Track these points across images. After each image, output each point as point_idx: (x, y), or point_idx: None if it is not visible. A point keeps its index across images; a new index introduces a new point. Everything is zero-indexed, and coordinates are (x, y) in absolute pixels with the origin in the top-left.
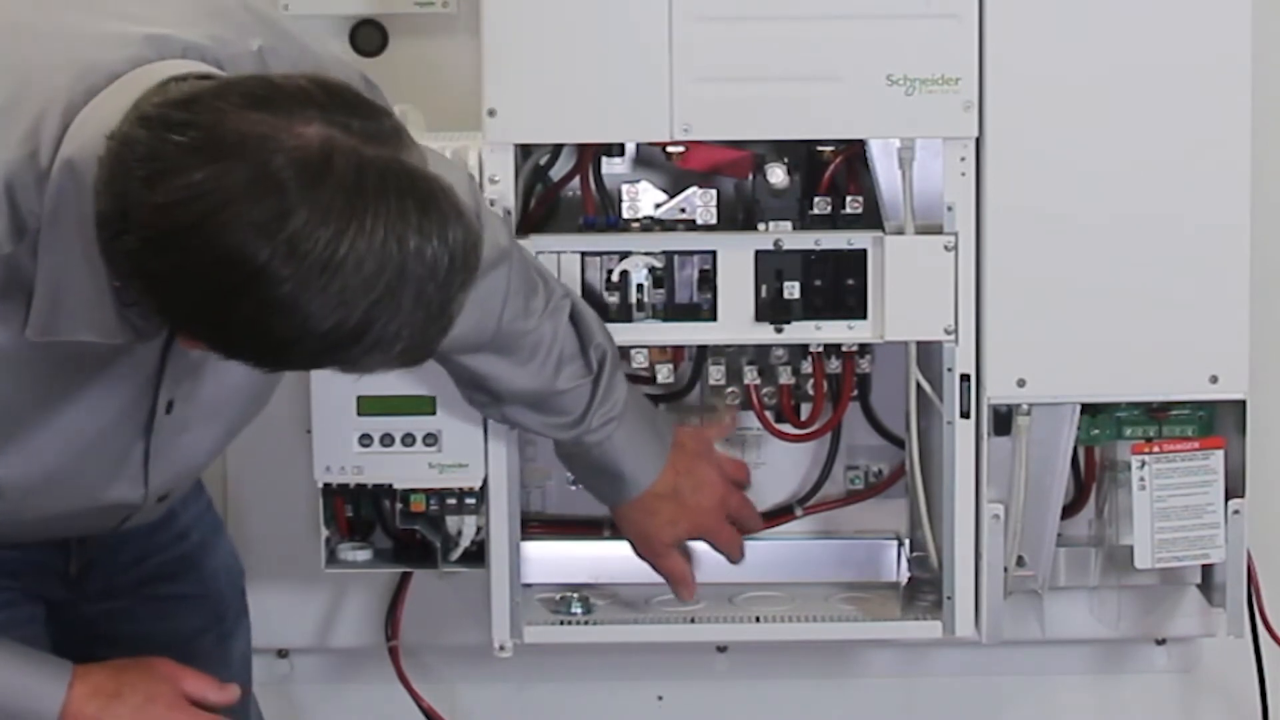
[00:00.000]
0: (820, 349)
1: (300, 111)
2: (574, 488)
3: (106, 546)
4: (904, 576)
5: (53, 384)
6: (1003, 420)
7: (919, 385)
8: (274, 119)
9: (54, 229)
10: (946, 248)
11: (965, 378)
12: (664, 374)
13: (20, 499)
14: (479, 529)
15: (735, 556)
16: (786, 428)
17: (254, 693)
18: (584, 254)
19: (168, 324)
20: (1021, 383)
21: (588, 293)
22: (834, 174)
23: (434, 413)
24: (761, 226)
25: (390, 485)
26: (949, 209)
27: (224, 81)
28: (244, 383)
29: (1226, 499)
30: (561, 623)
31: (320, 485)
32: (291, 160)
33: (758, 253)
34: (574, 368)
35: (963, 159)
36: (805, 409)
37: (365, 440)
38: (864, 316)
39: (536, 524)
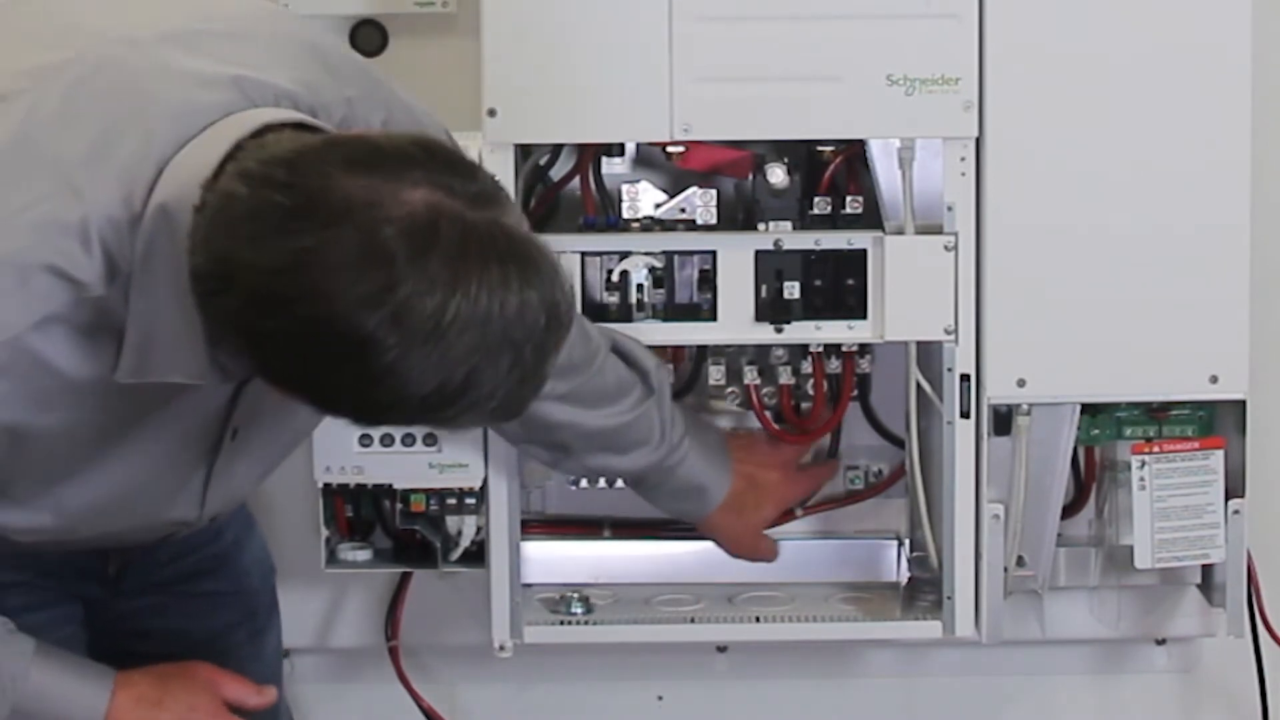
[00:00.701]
0: (820, 349)
1: (406, 175)
2: (574, 488)
3: (144, 547)
4: (904, 576)
5: (130, 415)
6: (1003, 420)
7: (919, 385)
8: (380, 183)
9: (146, 273)
10: (946, 248)
11: (965, 378)
12: None
13: (79, 520)
14: (479, 529)
15: (832, 476)
16: (786, 428)
17: (284, 690)
18: (584, 254)
19: (262, 378)
20: (1021, 383)
21: (587, 293)
22: (834, 174)
23: None
24: (761, 226)
25: (390, 485)
26: (949, 209)
27: (327, 140)
28: (307, 412)
29: (1226, 499)
30: (561, 623)
31: (320, 485)
32: (400, 230)
33: (758, 253)
34: (634, 395)
35: (963, 159)
36: (805, 409)
37: (365, 440)
38: (864, 316)
39: (536, 524)
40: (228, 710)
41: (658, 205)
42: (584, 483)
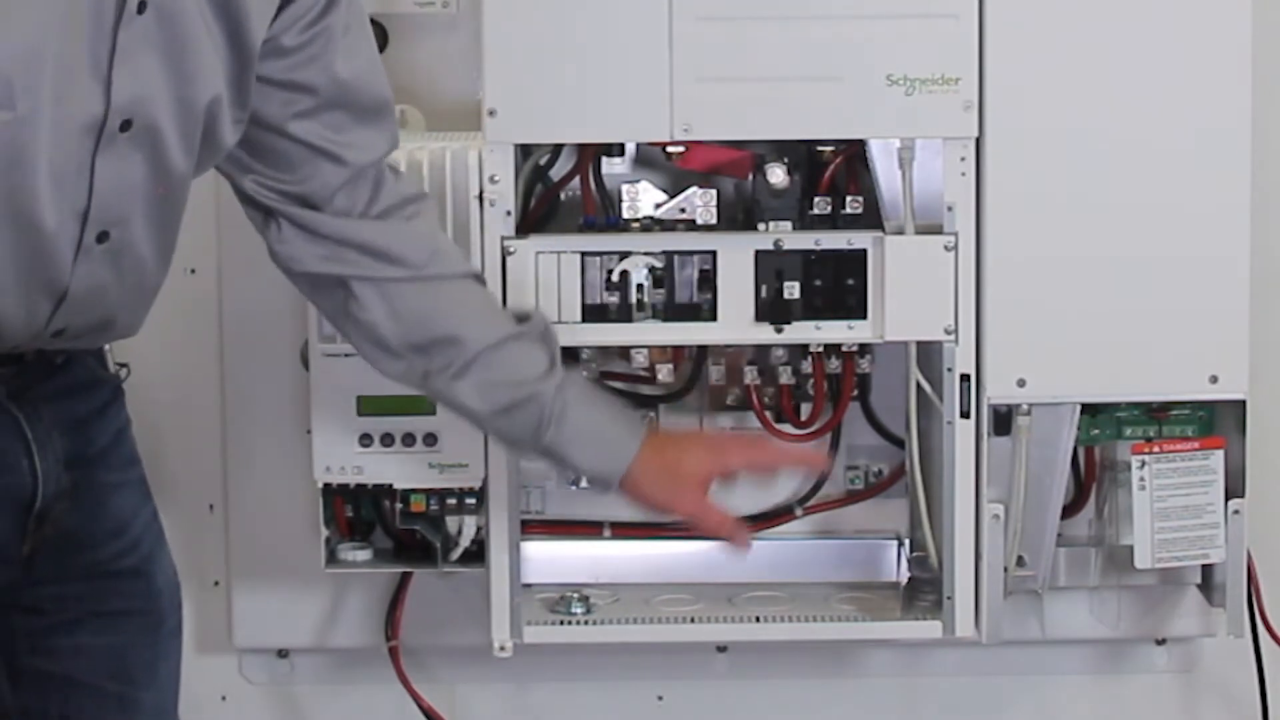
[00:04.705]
0: (820, 349)
1: None
2: (574, 487)
3: (56, 540)
4: (904, 576)
5: None
6: (1003, 420)
7: (919, 385)
8: None
9: None
10: (946, 248)
11: (965, 378)
12: (664, 374)
13: None
14: (479, 529)
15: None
16: (786, 428)
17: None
18: (584, 254)
19: None
20: (1021, 383)
21: (587, 293)
22: (834, 174)
23: (434, 413)
24: (761, 226)
25: (390, 485)
26: (949, 209)
27: None
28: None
29: (1226, 499)
30: (561, 623)
31: (320, 485)
32: None
33: (758, 253)
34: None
35: (963, 159)
36: (805, 409)
37: (365, 440)
38: (864, 316)
39: (536, 524)
40: None
41: (658, 205)
42: (584, 482)
